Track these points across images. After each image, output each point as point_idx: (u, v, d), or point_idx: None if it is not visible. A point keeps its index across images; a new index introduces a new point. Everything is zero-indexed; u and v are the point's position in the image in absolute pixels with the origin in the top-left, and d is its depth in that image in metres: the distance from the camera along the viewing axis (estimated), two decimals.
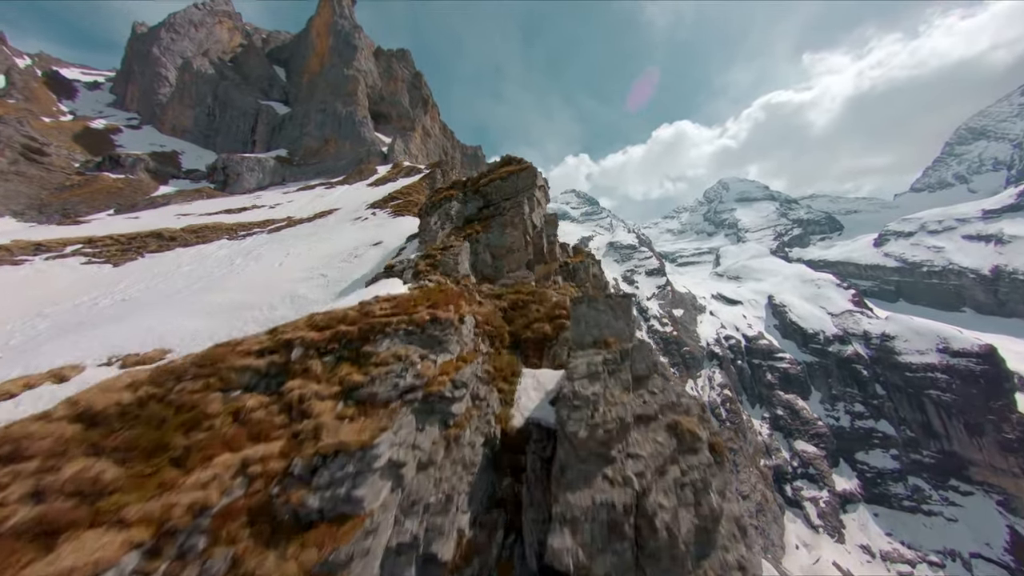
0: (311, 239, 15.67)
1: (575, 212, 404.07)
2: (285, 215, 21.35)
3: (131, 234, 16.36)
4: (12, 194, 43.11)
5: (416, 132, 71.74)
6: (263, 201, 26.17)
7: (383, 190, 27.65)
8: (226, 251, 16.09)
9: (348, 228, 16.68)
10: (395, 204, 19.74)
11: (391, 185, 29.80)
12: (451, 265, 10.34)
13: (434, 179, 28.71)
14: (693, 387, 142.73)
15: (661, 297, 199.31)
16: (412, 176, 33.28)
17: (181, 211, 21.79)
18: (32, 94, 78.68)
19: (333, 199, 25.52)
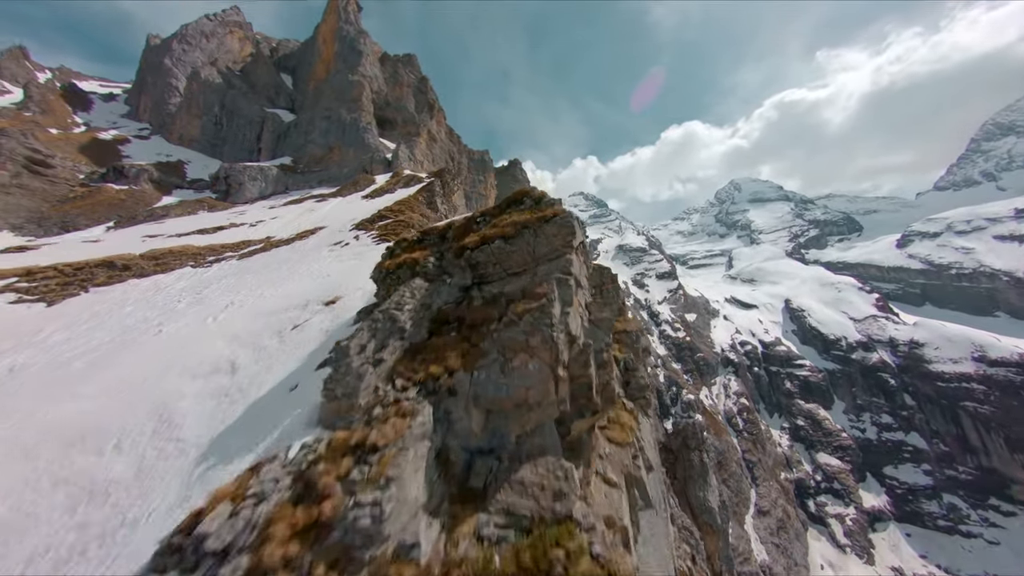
0: (275, 273, 13.01)
1: (583, 215, 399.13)
2: (265, 235, 18.92)
3: (79, 263, 14.07)
4: (12, 207, 42.03)
5: (421, 137, 69.44)
6: (246, 218, 23.81)
7: (376, 204, 25.03)
8: (183, 284, 13.55)
9: (320, 259, 13.98)
10: (382, 225, 17.06)
11: (387, 197, 27.17)
12: None
13: (432, 192, 25.93)
14: (708, 395, 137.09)
15: (673, 301, 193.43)
16: (411, 186, 30.54)
17: (150, 231, 19.50)
18: (48, 106, 79.06)
19: (321, 215, 23.06)
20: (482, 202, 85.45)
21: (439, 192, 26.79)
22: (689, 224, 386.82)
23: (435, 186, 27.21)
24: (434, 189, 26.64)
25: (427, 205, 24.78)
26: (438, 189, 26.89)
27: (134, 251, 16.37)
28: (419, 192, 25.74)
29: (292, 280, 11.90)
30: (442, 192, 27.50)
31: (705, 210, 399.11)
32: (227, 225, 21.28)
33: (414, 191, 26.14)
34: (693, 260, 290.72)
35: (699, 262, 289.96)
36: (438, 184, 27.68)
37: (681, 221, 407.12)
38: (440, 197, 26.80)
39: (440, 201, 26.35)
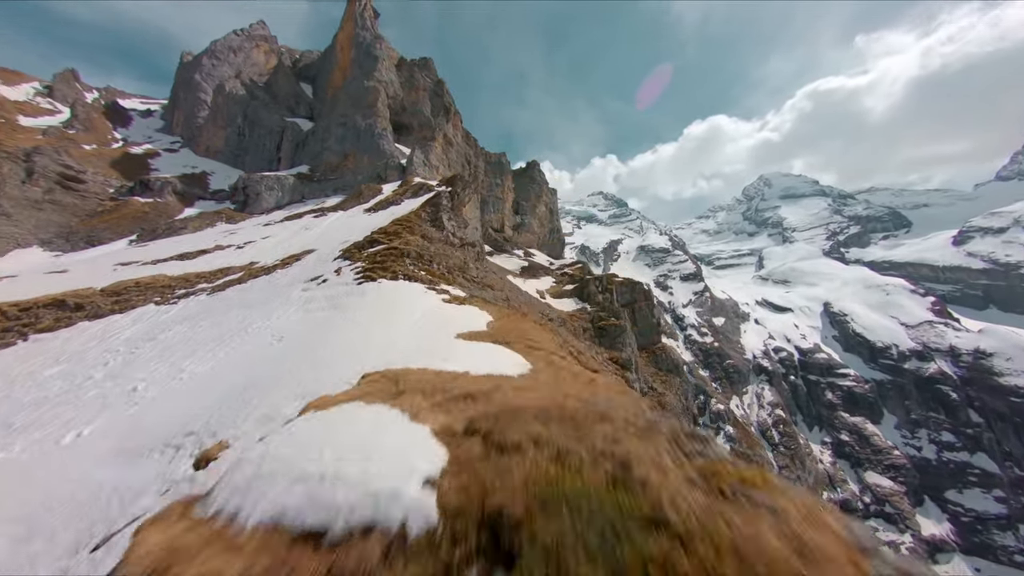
0: (225, 325, 10.33)
1: (602, 215, 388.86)
2: (249, 260, 16.68)
3: (27, 303, 12.11)
4: (44, 223, 42.63)
5: (437, 141, 67.13)
6: (235, 239, 21.77)
7: (377, 220, 22.38)
8: (131, 332, 11.17)
9: (287, 303, 11.19)
10: (371, 254, 14.16)
11: (392, 210, 24.49)
12: None
13: (437, 207, 23.49)
14: (739, 404, 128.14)
15: (699, 304, 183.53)
16: (420, 195, 27.81)
17: (125, 258, 17.76)
18: (91, 124, 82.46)
19: (316, 234, 20.58)
20: (500, 206, 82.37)
21: (446, 206, 23.80)
22: (714, 223, 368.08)
23: (441, 199, 24.63)
24: (440, 203, 24.14)
25: (431, 223, 22.26)
26: (445, 203, 24.04)
27: (105, 281, 14.50)
28: (422, 207, 22.84)
29: (234, 343, 9.00)
30: (450, 205, 24.74)
31: (732, 208, 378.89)
32: (211, 248, 19.17)
33: (419, 203, 23.25)
34: (719, 260, 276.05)
35: (726, 262, 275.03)
36: (445, 197, 24.87)
37: (706, 220, 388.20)
38: (447, 212, 24.44)
39: (447, 217, 23.86)
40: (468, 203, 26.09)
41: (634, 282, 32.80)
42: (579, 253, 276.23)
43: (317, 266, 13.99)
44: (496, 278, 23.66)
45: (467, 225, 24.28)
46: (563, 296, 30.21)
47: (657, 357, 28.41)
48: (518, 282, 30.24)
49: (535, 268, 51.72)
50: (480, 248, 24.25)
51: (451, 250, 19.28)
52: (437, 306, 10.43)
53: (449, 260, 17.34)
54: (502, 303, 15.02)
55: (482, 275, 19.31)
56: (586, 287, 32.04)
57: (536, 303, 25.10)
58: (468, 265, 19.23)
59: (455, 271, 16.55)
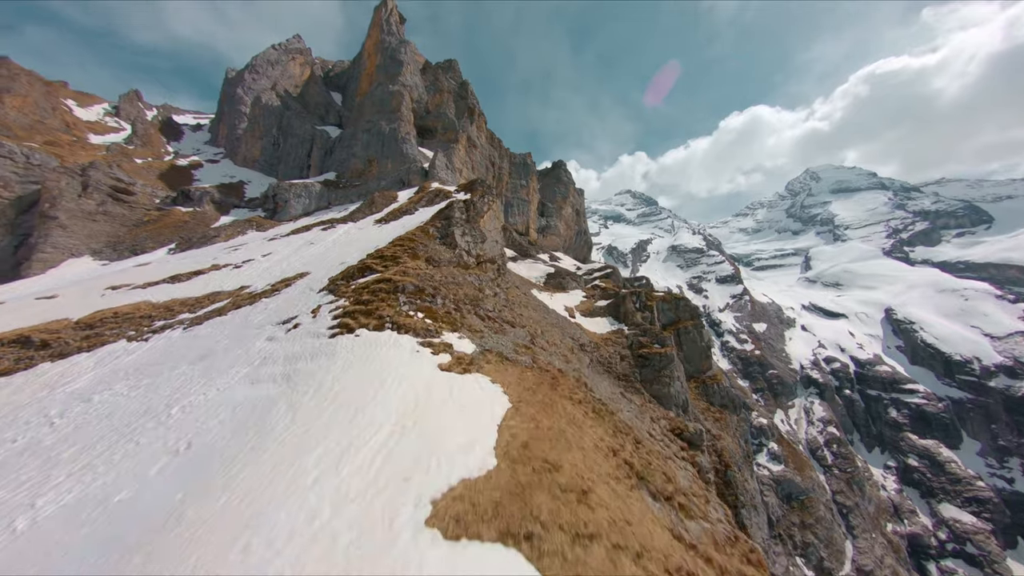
0: (161, 390, 8.07)
1: (630, 214, 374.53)
2: (240, 284, 14.95)
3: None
4: (95, 233, 44.77)
5: (460, 144, 65.19)
6: (234, 256, 20.07)
7: (384, 233, 19.97)
8: (85, 381, 9.35)
9: (241, 360, 8.74)
10: (357, 289, 11.53)
11: (404, 221, 22.11)
12: None
13: (449, 220, 20.38)
14: (784, 420, 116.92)
15: (737, 308, 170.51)
16: (436, 203, 25.32)
17: (116, 281, 16.60)
18: (148, 139, 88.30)
19: (317, 252, 18.49)
20: (524, 208, 79.30)
21: (459, 219, 21.32)
22: (754, 220, 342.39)
23: (453, 212, 21.40)
24: (451, 216, 20.98)
25: (441, 239, 18.78)
26: (458, 215, 21.37)
27: (93, 306, 13.33)
28: (432, 221, 20.57)
29: (129, 446, 6.58)
30: (465, 217, 22.14)
31: (773, 204, 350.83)
32: (207, 268, 17.74)
33: (434, 212, 20.51)
34: (760, 261, 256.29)
35: (767, 263, 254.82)
36: (459, 208, 22.19)
37: (744, 217, 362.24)
38: (461, 225, 20.92)
39: (460, 232, 20.18)
40: (487, 212, 22.87)
41: (678, 297, 28.23)
42: (606, 254, 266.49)
43: (300, 299, 11.70)
44: (519, 296, 20.36)
45: (485, 239, 21.73)
46: (595, 314, 26.35)
47: (708, 388, 23.76)
48: (544, 297, 26.73)
49: (561, 275, 48.08)
50: (501, 263, 21.16)
51: (463, 274, 16.46)
52: (426, 388, 7.25)
53: (459, 290, 14.41)
54: (525, 350, 12.02)
55: (500, 306, 16.42)
56: (622, 304, 27.95)
57: (565, 325, 21.62)
58: (483, 293, 16.11)
59: (465, 305, 13.31)
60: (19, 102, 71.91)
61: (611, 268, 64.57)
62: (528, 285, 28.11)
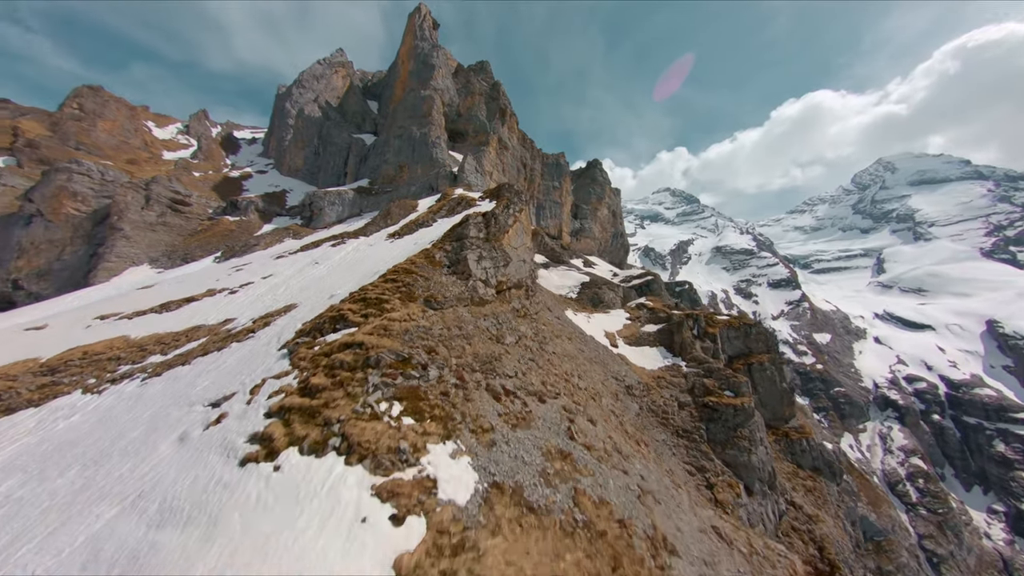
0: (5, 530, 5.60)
1: (669, 213, 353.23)
2: (225, 316, 13.25)
3: None
4: (155, 243, 47.62)
5: (491, 146, 62.64)
6: (235, 279, 18.48)
7: (395, 251, 17.49)
8: (8, 454, 7.46)
9: (107, 506, 6.00)
10: (319, 355, 8.18)
11: (420, 235, 19.58)
12: None
13: (462, 242, 16.25)
14: (854, 445, 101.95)
15: (794, 316, 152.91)
16: (456, 213, 22.45)
17: (106, 310, 15.58)
18: (210, 154, 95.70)
19: (318, 275, 16.49)
20: (557, 211, 75.17)
21: (475, 240, 17.18)
22: (813, 218, 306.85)
23: (468, 229, 17.16)
24: (466, 235, 16.73)
25: (449, 267, 14.91)
26: (474, 234, 17.22)
27: (74, 340, 12.29)
28: (440, 243, 16.54)
29: None
30: (484, 234, 18.15)
31: (837, 199, 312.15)
32: (201, 295, 16.31)
33: (446, 229, 17.10)
34: (820, 263, 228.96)
35: (829, 265, 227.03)
36: (475, 225, 17.84)
37: (800, 214, 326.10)
38: (477, 247, 16.71)
39: (475, 257, 16.12)
40: (513, 226, 19.92)
41: (749, 323, 22.38)
42: (642, 256, 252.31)
43: (255, 360, 9.15)
44: (551, 324, 16.55)
45: (509, 261, 17.92)
46: (643, 342, 21.58)
47: (793, 445, 17.99)
48: (581, 320, 22.53)
49: (597, 285, 43.62)
50: (530, 284, 17.58)
51: (476, 317, 12.86)
52: None
53: (467, 346, 10.63)
54: (559, 461, 7.91)
55: (527, 360, 12.48)
56: (677, 331, 22.56)
57: (607, 358, 17.56)
58: (503, 343, 12.29)
59: (474, 373, 9.51)
60: (109, 125, 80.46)
61: (652, 275, 58.52)
62: (561, 304, 23.96)
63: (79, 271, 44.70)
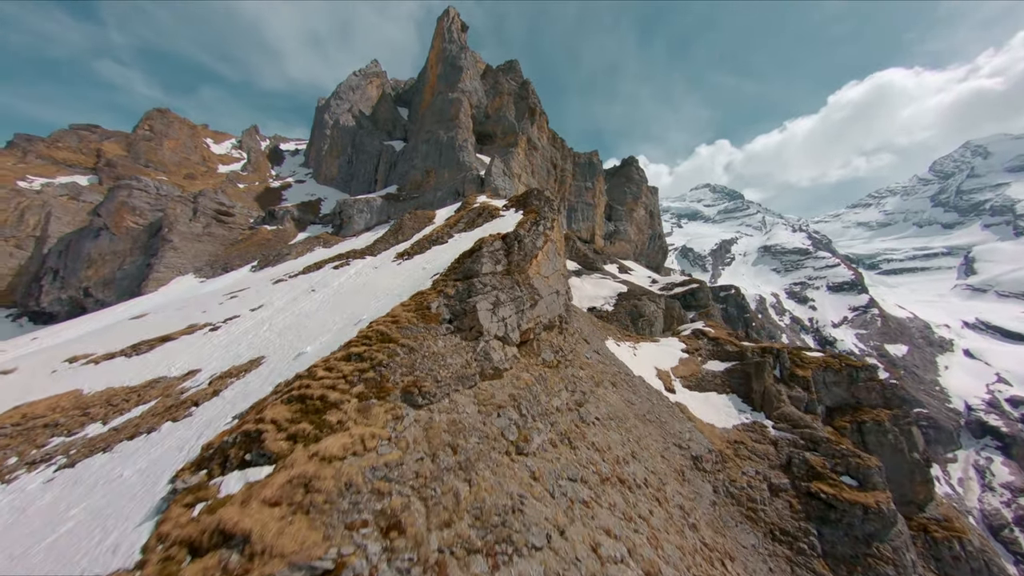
0: None
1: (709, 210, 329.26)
2: (188, 368, 11.07)
3: None
4: (200, 253, 49.41)
5: (519, 147, 59.28)
6: (220, 312, 16.14)
7: (399, 280, 14.44)
8: None
9: None
10: (187, 536, 4.38)
11: (431, 255, 16.48)
12: None
13: (471, 284, 11.93)
14: (941, 478, 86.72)
15: (861, 324, 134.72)
16: (477, 226, 19.12)
17: (79, 351, 13.96)
18: (258, 166, 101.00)
19: (302, 312, 13.64)
20: (590, 213, 70.20)
21: (489, 279, 12.49)
22: (880, 212, 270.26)
23: (481, 263, 12.57)
24: (477, 271, 12.28)
25: (450, 322, 10.66)
26: (488, 268, 12.57)
27: (36, 390, 10.82)
28: (441, 285, 12.02)
29: None
30: (505, 266, 13.52)
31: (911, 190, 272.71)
32: (178, 333, 13.95)
33: (457, 258, 13.33)
34: (891, 263, 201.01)
35: (901, 266, 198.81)
36: (490, 256, 13.20)
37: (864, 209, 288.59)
38: (494, 289, 12.17)
39: (489, 305, 11.52)
40: (544, 248, 15.32)
41: (854, 365, 16.45)
42: (679, 256, 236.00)
43: (149, 483, 6.52)
44: (589, 367, 12.13)
45: (538, 300, 13.46)
46: (707, 386, 16.46)
47: (938, 547, 12.20)
48: (625, 353, 17.78)
49: (635, 295, 38.84)
50: (564, 317, 13.30)
51: (484, 412, 8.80)
52: None
53: (465, 489, 6.43)
54: None
55: (562, 503, 7.86)
56: (756, 376, 16.92)
57: (662, 411, 13.14)
58: (526, 463, 8.04)
59: (465, 560, 5.22)
60: (173, 144, 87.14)
61: (697, 283, 52.10)
62: (600, 330, 19.47)
63: (136, 280, 47.53)
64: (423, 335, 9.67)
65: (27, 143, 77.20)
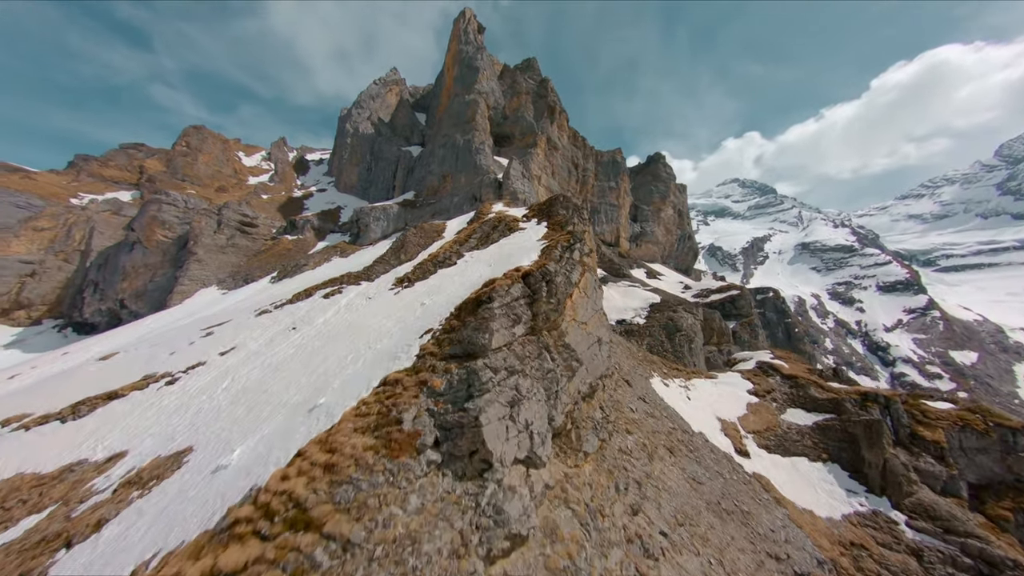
0: None
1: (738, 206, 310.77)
2: (111, 453, 8.49)
3: None
4: (223, 264, 49.46)
5: (539, 147, 55.92)
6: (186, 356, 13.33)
7: (391, 321, 11.22)
8: None
9: None
10: None
11: (434, 282, 13.42)
12: None
13: (478, 367, 7.20)
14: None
15: (919, 328, 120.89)
16: (490, 244, 15.91)
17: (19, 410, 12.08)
18: (285, 176, 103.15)
19: (267, 365, 10.67)
20: (614, 214, 65.63)
21: (505, 355, 7.82)
22: (935, 203, 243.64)
23: (490, 330, 7.94)
24: (482, 343, 7.68)
25: (435, 447, 6.06)
26: (500, 339, 8.01)
27: None
28: (419, 374, 7.47)
29: None
30: (529, 321, 9.07)
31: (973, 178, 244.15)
32: (129, 388, 11.35)
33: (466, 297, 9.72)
34: (950, 259, 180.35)
35: (964, 262, 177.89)
36: (510, 314, 8.62)
37: (917, 200, 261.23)
38: (512, 372, 7.61)
39: (503, 412, 6.83)
40: (581, 282, 11.06)
41: (1007, 422, 11.93)
42: (707, 256, 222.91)
43: None
44: (642, 455, 7.96)
45: (576, 367, 9.37)
46: (791, 448, 11.35)
47: None
48: (675, 395, 13.44)
49: (670, 306, 34.55)
50: (604, 379, 9.21)
51: None
52: None
53: None
54: None
55: None
56: (871, 439, 12.42)
57: (741, 495, 9.26)
58: None
59: None
60: (207, 158, 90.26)
61: (737, 289, 46.70)
62: (641, 364, 15.37)
63: (166, 292, 48.29)
64: (382, 493, 5.12)
65: (84, 162, 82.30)
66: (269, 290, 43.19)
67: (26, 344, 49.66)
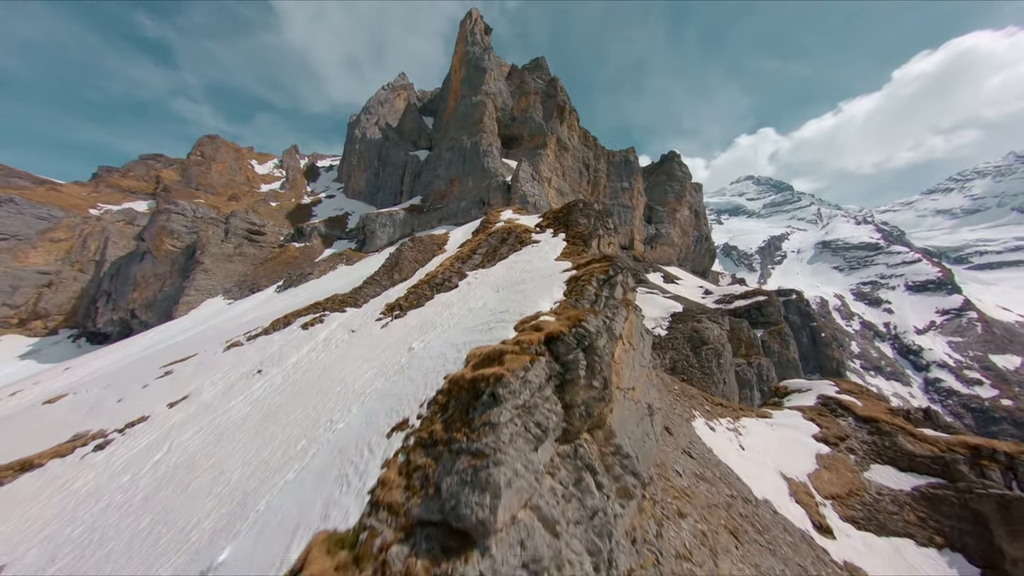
0: None
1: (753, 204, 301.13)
2: None
3: None
4: (230, 273, 48.56)
5: (549, 148, 53.47)
6: (136, 405, 11.51)
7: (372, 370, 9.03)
8: None
9: None
10: None
11: (431, 312, 10.84)
12: None
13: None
14: None
15: (954, 330, 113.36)
16: (497, 260, 13.50)
17: None
18: (295, 183, 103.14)
19: (210, 431, 8.22)
20: (628, 216, 62.61)
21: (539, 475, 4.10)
22: (965, 197, 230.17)
23: (502, 463, 3.68)
24: (482, 514, 3.34)
25: None
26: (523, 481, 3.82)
27: None
28: (379, 545, 3.15)
29: None
30: (560, 415, 5.12)
31: (1006, 170, 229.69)
32: (49, 453, 8.79)
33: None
34: (984, 256, 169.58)
35: (999, 259, 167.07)
36: (527, 436, 4.46)
37: (945, 194, 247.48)
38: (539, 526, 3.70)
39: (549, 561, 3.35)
40: (626, 329, 6.80)
41: None
42: (722, 256, 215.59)
43: None
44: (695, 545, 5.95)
45: (635, 482, 5.24)
46: (890, 523, 8.92)
47: None
48: (724, 443, 10.30)
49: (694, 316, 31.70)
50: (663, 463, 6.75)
51: None
52: None
53: None
54: None
55: None
56: (1012, 527, 8.30)
57: None
58: None
59: None
60: (221, 167, 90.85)
61: (764, 296, 43.26)
62: (678, 400, 12.56)
63: (174, 301, 47.77)
64: None
65: (106, 174, 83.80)
66: (273, 300, 41.95)
67: (41, 355, 49.93)
